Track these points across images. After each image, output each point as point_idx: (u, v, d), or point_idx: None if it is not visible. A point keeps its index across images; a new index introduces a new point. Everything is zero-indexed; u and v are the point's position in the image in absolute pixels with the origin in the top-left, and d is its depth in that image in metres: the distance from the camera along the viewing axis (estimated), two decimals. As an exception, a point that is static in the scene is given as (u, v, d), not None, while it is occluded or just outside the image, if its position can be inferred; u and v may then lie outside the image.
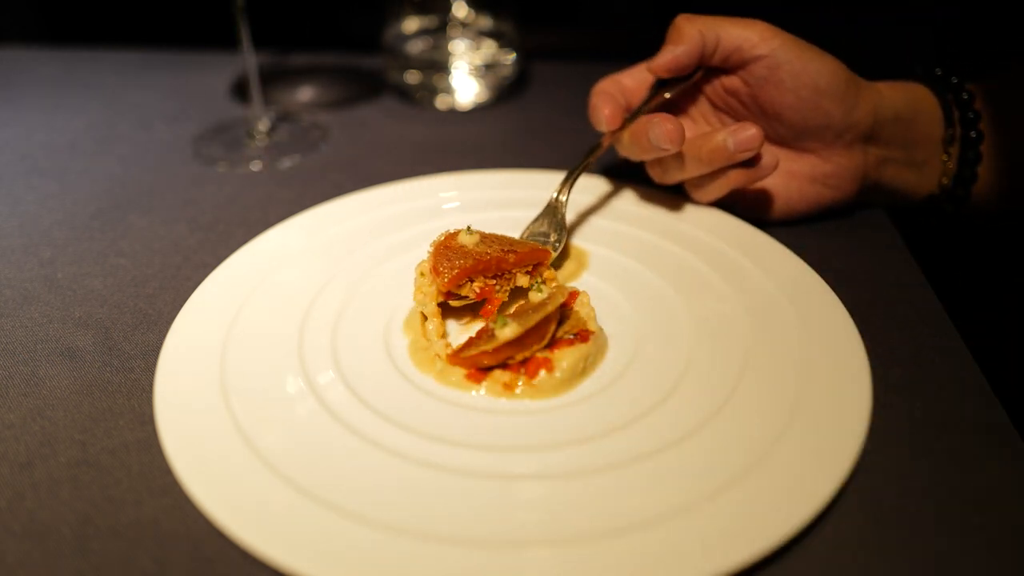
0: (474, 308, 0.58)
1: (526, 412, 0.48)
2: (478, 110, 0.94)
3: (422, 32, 0.98)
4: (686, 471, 0.43)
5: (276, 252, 0.63)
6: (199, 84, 1.02)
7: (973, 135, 0.63)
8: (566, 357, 0.50)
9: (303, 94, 1.00)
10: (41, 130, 0.90)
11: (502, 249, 0.56)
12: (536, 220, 0.65)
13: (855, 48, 0.66)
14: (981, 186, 0.64)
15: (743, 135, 0.58)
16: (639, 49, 0.69)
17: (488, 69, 0.96)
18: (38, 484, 0.44)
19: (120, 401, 0.50)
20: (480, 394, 0.50)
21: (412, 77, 0.96)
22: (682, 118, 0.70)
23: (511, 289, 0.57)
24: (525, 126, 0.90)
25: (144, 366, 0.53)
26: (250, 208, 0.74)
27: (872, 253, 0.64)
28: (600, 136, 0.67)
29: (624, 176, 0.72)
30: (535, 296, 0.53)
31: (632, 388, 0.50)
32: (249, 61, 0.83)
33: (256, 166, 0.82)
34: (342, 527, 0.40)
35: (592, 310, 0.54)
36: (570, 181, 0.65)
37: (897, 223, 0.68)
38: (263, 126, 0.87)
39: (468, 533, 0.39)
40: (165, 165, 0.82)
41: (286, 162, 0.83)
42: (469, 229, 0.57)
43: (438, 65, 0.96)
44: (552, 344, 0.51)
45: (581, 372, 0.51)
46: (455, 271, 0.54)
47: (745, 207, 0.66)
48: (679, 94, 0.68)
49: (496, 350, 0.49)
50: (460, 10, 0.97)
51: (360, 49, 1.07)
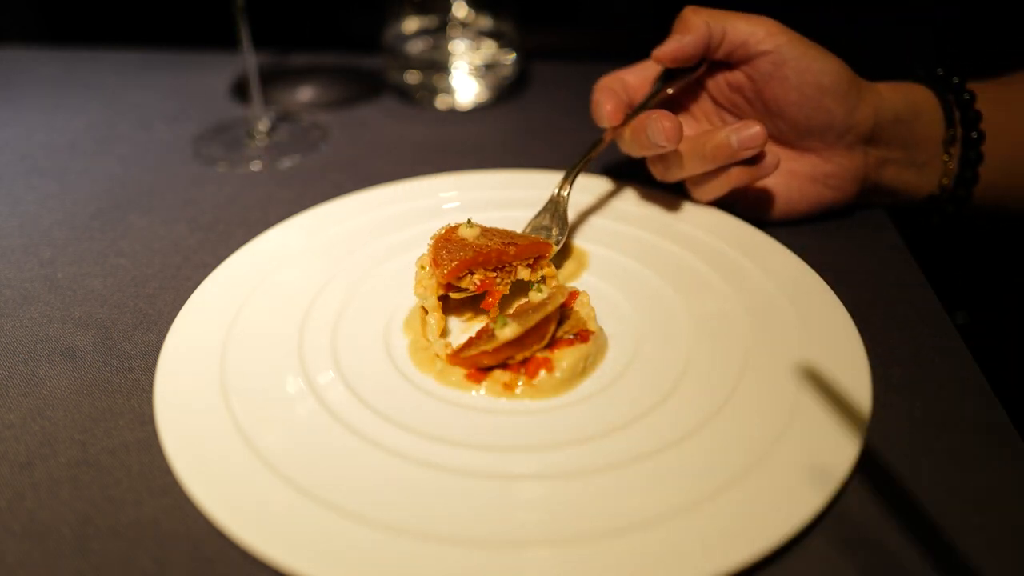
0: (475, 304, 0.58)
1: (526, 412, 0.48)
2: (478, 110, 0.94)
3: (422, 32, 0.98)
4: (686, 471, 0.43)
5: (276, 252, 0.63)
6: (199, 84, 1.02)
7: (974, 135, 0.63)
8: (566, 357, 0.50)
9: (303, 94, 1.00)
10: (41, 130, 0.90)
11: (503, 242, 0.56)
12: (538, 215, 0.65)
13: (856, 48, 0.66)
14: (982, 186, 0.64)
15: (747, 133, 0.58)
16: (639, 49, 0.69)
17: (488, 69, 0.96)
18: (38, 484, 0.44)
19: (120, 401, 0.50)
20: (480, 394, 0.50)
21: (412, 77, 0.96)
22: (684, 115, 0.70)
23: (512, 283, 0.57)
24: (525, 126, 0.90)
25: (144, 366, 0.53)
26: (250, 208, 0.74)
27: (872, 253, 0.64)
28: (602, 132, 0.67)
29: (624, 176, 0.72)
30: (535, 296, 0.53)
31: (632, 388, 0.50)
32: (249, 61, 0.83)
33: (256, 166, 0.82)
34: (342, 527, 0.40)
35: (592, 310, 0.54)
36: (572, 176, 0.65)
37: (897, 223, 0.68)
38: (263, 126, 0.87)
39: (468, 533, 0.39)
40: (165, 165, 0.82)
41: (286, 162, 0.82)
42: (470, 222, 0.57)
43: (438, 65, 0.96)
44: (552, 344, 0.51)
45: (581, 372, 0.51)
46: (455, 263, 0.54)
47: (745, 207, 0.66)
48: (682, 90, 0.68)
49: (496, 350, 0.49)
50: (460, 10, 0.97)
51: (360, 49, 1.07)
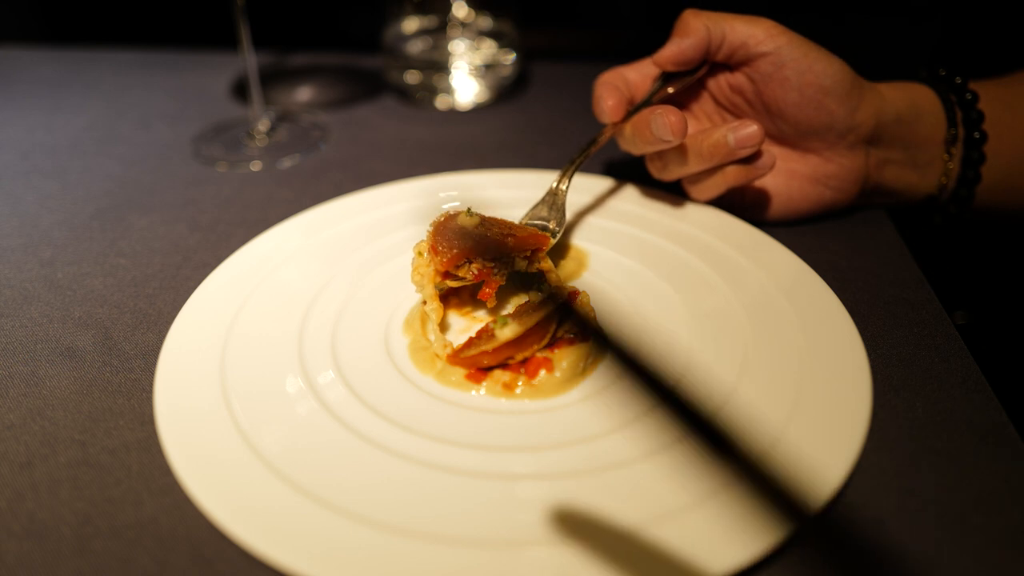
0: (473, 299, 0.58)
1: (526, 412, 0.48)
2: (478, 110, 0.94)
3: (422, 32, 0.98)
4: (686, 471, 0.43)
5: (276, 252, 0.63)
6: (199, 84, 1.02)
7: (976, 135, 0.63)
8: (566, 357, 0.50)
9: (303, 94, 1.00)
10: (41, 130, 0.90)
11: (501, 232, 0.56)
12: (536, 206, 0.64)
13: (856, 48, 0.66)
14: (985, 186, 0.64)
15: (744, 132, 0.58)
16: (639, 50, 0.69)
17: (488, 69, 0.96)
18: (38, 484, 0.44)
19: (120, 401, 0.50)
20: (480, 394, 0.50)
21: (412, 77, 0.96)
22: (685, 114, 0.70)
23: (509, 275, 0.57)
24: (525, 126, 0.90)
25: (144, 366, 0.53)
26: (250, 208, 0.74)
27: (872, 253, 0.64)
28: (602, 128, 0.67)
29: (625, 176, 0.72)
30: (535, 296, 0.53)
31: (632, 388, 0.49)
32: (249, 61, 0.83)
33: (256, 166, 0.82)
34: (342, 527, 0.40)
35: (592, 310, 0.54)
36: (571, 170, 0.65)
37: (897, 223, 0.68)
38: (263, 126, 0.87)
39: (468, 533, 0.39)
40: (165, 165, 0.82)
41: (286, 162, 0.82)
42: (469, 211, 0.57)
43: (438, 65, 0.96)
44: (552, 344, 0.51)
45: (581, 372, 0.51)
46: (454, 251, 0.54)
47: (746, 206, 0.66)
48: (683, 90, 0.68)
49: (496, 350, 0.49)
50: (460, 10, 0.97)
51: (360, 49, 1.07)
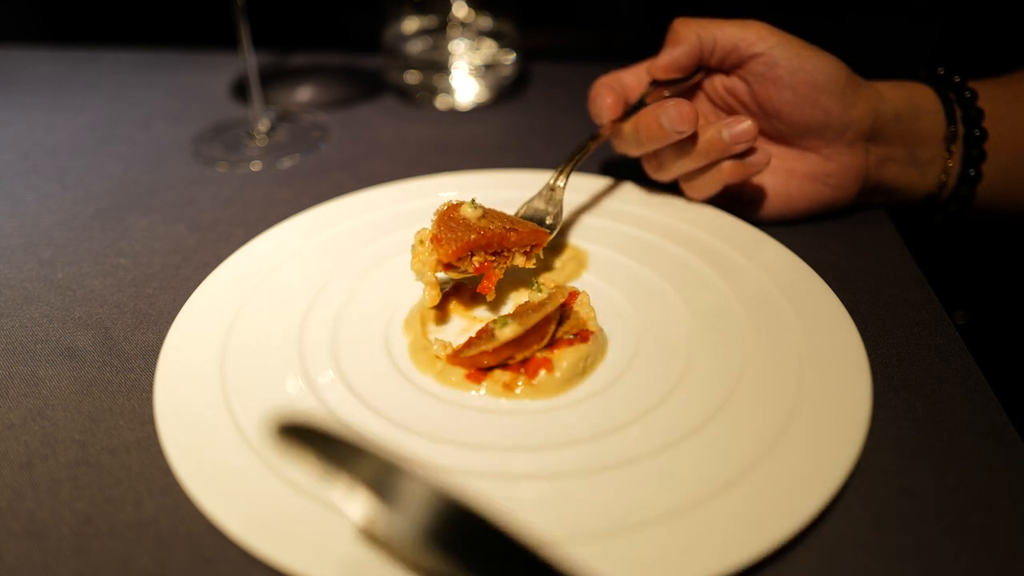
0: (474, 296, 0.58)
1: (526, 412, 0.48)
2: (478, 110, 0.94)
3: (422, 32, 0.98)
4: (686, 471, 0.43)
5: (276, 252, 0.62)
6: (199, 84, 1.02)
7: (976, 133, 0.63)
8: (566, 357, 0.50)
9: (303, 94, 1.00)
10: (41, 130, 0.90)
11: (504, 226, 0.56)
12: (532, 199, 0.64)
13: (856, 48, 0.66)
14: (986, 185, 0.64)
15: (738, 127, 0.59)
16: (639, 50, 0.69)
17: (488, 69, 0.96)
18: (38, 484, 0.44)
19: (120, 401, 0.50)
20: (480, 394, 0.50)
21: (412, 77, 0.96)
22: None
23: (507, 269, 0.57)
24: (525, 126, 0.90)
25: (144, 366, 0.53)
26: (250, 208, 0.74)
27: (872, 253, 0.64)
28: (598, 129, 0.67)
29: (624, 176, 0.72)
30: (535, 296, 0.53)
31: (632, 388, 0.50)
32: (249, 61, 0.83)
33: (256, 166, 0.82)
34: (342, 527, 0.40)
35: (592, 310, 0.54)
36: (568, 166, 0.65)
37: (897, 223, 0.68)
38: (263, 126, 0.87)
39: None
40: (165, 165, 0.82)
41: (286, 162, 0.82)
42: (473, 202, 0.57)
43: (438, 65, 0.95)
44: (552, 344, 0.51)
45: (581, 372, 0.51)
46: (458, 243, 0.54)
47: (745, 205, 0.66)
48: (678, 93, 0.68)
49: (496, 350, 0.49)
50: (460, 10, 0.97)
51: (360, 49, 1.07)
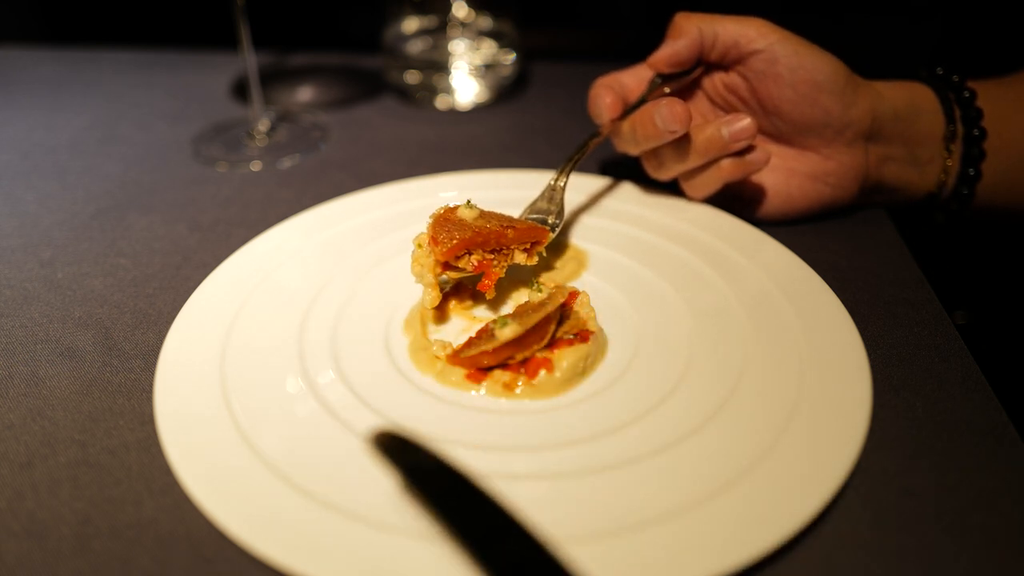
0: (474, 295, 0.58)
1: (526, 412, 0.48)
2: (478, 110, 0.94)
3: (422, 32, 0.98)
4: (686, 471, 0.43)
5: (276, 252, 0.62)
6: (199, 84, 1.02)
7: (976, 132, 0.63)
8: (566, 357, 0.50)
9: (303, 94, 1.00)
10: (41, 130, 0.90)
11: (501, 225, 0.56)
12: (535, 200, 0.65)
13: (856, 48, 0.66)
14: (986, 184, 0.64)
15: (737, 125, 0.59)
16: (639, 50, 0.69)
17: (488, 69, 0.96)
18: (38, 484, 0.44)
19: (120, 401, 0.50)
20: (480, 394, 0.50)
21: (412, 77, 0.96)
22: None
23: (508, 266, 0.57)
24: (525, 126, 0.90)
25: (144, 366, 0.53)
26: (250, 208, 0.74)
27: (872, 253, 0.64)
28: (598, 129, 0.67)
29: (624, 176, 0.72)
30: (535, 296, 0.53)
31: (632, 388, 0.50)
32: (249, 61, 0.83)
33: (256, 166, 0.82)
34: (342, 527, 0.40)
35: (592, 310, 0.54)
36: (569, 165, 0.65)
37: (897, 223, 0.68)
38: (263, 126, 0.87)
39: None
40: (165, 165, 0.82)
41: (286, 162, 0.82)
42: (469, 203, 0.57)
43: (438, 65, 0.96)
44: (552, 344, 0.51)
45: (581, 372, 0.51)
46: (454, 241, 0.54)
47: (745, 205, 0.66)
48: (678, 91, 0.68)
49: (496, 350, 0.49)
50: (460, 10, 0.97)
51: (360, 49, 1.07)
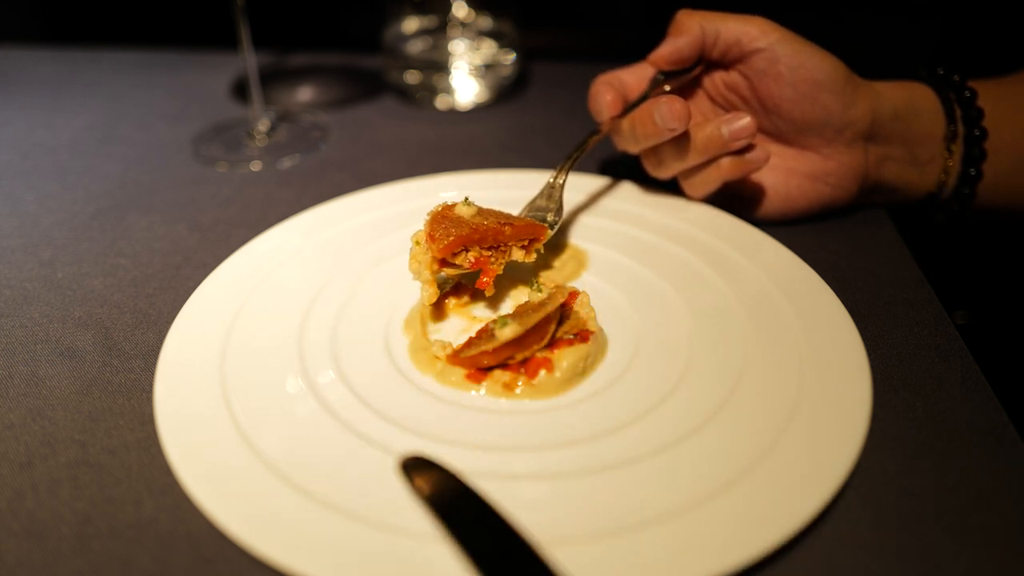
0: (473, 293, 0.58)
1: (526, 412, 0.48)
2: (478, 110, 0.94)
3: (422, 32, 0.98)
4: (686, 471, 0.43)
5: (276, 252, 0.62)
6: (199, 84, 1.02)
7: (977, 132, 0.63)
8: (566, 357, 0.50)
9: (303, 94, 1.00)
10: (41, 130, 0.90)
11: (498, 221, 0.56)
12: (535, 198, 0.65)
13: (856, 48, 0.66)
14: (987, 184, 0.64)
15: (737, 123, 0.59)
16: (639, 50, 0.69)
17: (488, 69, 0.96)
18: (38, 484, 0.44)
19: (120, 401, 0.50)
20: (480, 394, 0.50)
21: (412, 77, 0.96)
22: None
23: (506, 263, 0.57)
24: (525, 126, 0.90)
25: (144, 366, 0.53)
26: (250, 208, 0.74)
27: (872, 253, 0.64)
28: (598, 126, 0.67)
29: (624, 176, 0.72)
30: (535, 296, 0.53)
31: (632, 388, 0.50)
32: (249, 61, 0.83)
33: (256, 166, 0.82)
34: (342, 527, 0.40)
35: (592, 310, 0.54)
36: (568, 165, 0.65)
37: (897, 223, 0.68)
38: (263, 126, 0.87)
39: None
40: (165, 165, 0.82)
41: (286, 162, 0.82)
42: (467, 201, 0.57)
43: (438, 65, 0.96)
44: (552, 344, 0.51)
45: (581, 372, 0.51)
46: (451, 238, 0.54)
47: (745, 204, 0.66)
48: (679, 90, 0.68)
49: (496, 350, 0.49)
50: (460, 10, 0.97)
51: (360, 49, 1.07)
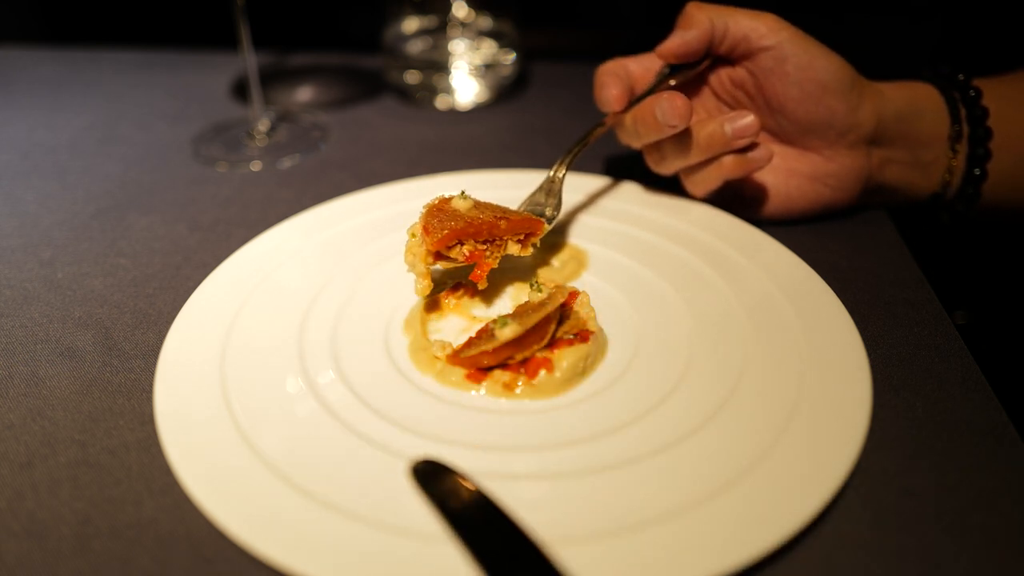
0: (474, 291, 0.58)
1: (526, 412, 0.48)
2: (478, 110, 0.94)
3: (422, 32, 0.98)
4: (686, 471, 0.43)
5: (276, 252, 0.62)
6: (199, 84, 1.02)
7: (981, 132, 0.63)
8: (566, 357, 0.50)
9: (303, 94, 1.00)
10: (41, 130, 0.90)
11: (494, 215, 0.56)
12: (534, 193, 0.64)
13: (857, 48, 0.66)
14: (992, 184, 0.64)
15: (741, 122, 0.59)
16: (638, 50, 0.69)
17: (488, 69, 0.96)
18: (38, 484, 0.44)
19: (120, 401, 0.50)
20: (480, 394, 0.50)
21: (412, 77, 0.96)
22: None
23: (502, 257, 0.57)
24: (525, 126, 0.90)
25: (144, 366, 0.53)
26: (250, 208, 0.74)
27: (872, 253, 0.64)
28: (602, 119, 0.67)
29: (624, 176, 0.72)
30: (535, 296, 0.53)
31: (632, 388, 0.50)
32: (249, 61, 0.83)
33: (256, 166, 0.82)
34: (342, 527, 0.40)
35: (592, 310, 0.54)
36: (569, 159, 0.65)
37: (897, 223, 0.68)
38: (263, 126, 0.87)
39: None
40: (165, 165, 0.82)
41: (286, 162, 0.82)
42: (463, 194, 0.57)
43: (438, 65, 0.96)
44: (552, 344, 0.51)
45: (581, 372, 0.51)
46: (445, 231, 0.54)
47: (745, 204, 0.66)
48: (684, 85, 0.68)
49: (496, 350, 0.49)
50: (460, 10, 0.97)
51: (360, 49, 1.07)
